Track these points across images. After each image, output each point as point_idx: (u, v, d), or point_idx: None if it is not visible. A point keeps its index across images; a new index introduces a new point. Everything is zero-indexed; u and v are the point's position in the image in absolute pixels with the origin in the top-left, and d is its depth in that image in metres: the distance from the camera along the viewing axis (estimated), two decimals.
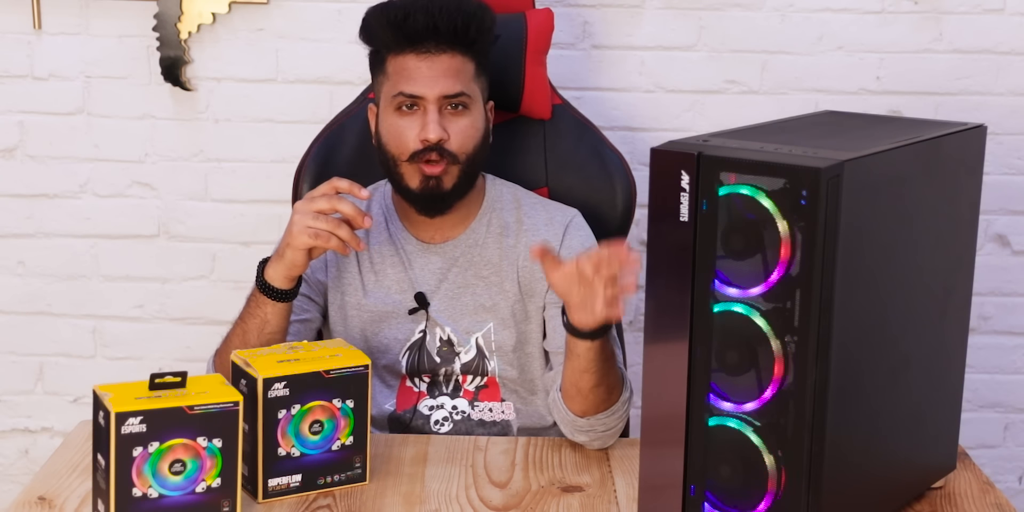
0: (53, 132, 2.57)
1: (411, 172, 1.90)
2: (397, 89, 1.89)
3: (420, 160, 1.88)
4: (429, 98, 1.87)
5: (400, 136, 1.89)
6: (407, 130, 1.88)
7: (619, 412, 1.80)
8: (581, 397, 1.77)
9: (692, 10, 2.49)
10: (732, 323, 1.40)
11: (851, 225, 1.36)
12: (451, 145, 1.88)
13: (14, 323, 2.67)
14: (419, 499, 1.66)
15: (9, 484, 2.74)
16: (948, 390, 1.67)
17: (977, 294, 1.92)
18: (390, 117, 1.91)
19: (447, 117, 1.89)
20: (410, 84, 1.88)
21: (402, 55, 1.89)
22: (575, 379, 1.76)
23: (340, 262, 1.98)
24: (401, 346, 1.97)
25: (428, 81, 1.87)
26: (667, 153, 1.41)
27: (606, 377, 1.75)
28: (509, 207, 2.01)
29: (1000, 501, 1.67)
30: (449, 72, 1.88)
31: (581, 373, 1.74)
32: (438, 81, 1.87)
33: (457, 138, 1.89)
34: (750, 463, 1.42)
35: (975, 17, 2.49)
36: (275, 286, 1.81)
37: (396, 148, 1.90)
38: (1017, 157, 2.57)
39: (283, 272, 1.80)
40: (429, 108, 1.87)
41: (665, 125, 2.54)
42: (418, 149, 1.88)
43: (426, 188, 1.90)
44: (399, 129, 1.89)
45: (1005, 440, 2.71)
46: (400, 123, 1.89)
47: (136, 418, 1.49)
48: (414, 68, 1.88)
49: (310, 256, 1.80)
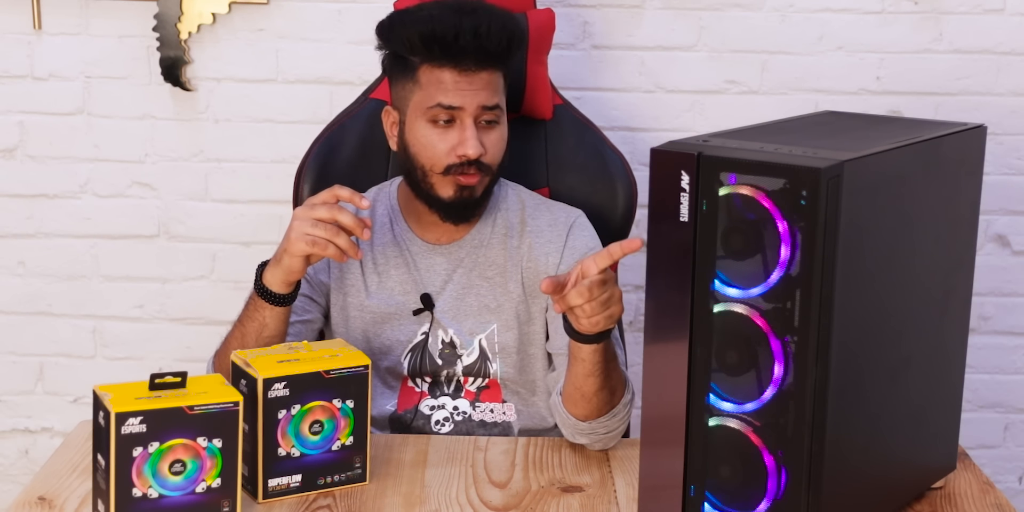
0: (53, 132, 2.57)
1: (444, 183, 1.90)
2: (434, 100, 1.87)
3: (456, 173, 1.88)
4: (468, 110, 1.87)
5: (434, 148, 1.89)
6: (442, 143, 1.88)
7: (620, 414, 1.80)
8: (584, 401, 1.77)
9: (692, 10, 2.49)
10: (732, 323, 1.40)
11: (851, 225, 1.36)
12: (486, 159, 1.89)
13: (14, 323, 2.67)
14: (419, 499, 1.66)
15: (9, 484, 2.74)
16: (948, 390, 1.67)
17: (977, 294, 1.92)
18: (422, 128, 1.90)
19: (482, 131, 1.89)
20: (448, 96, 1.86)
21: (440, 68, 1.87)
22: (579, 383, 1.76)
23: (343, 264, 1.97)
24: (403, 348, 1.97)
25: (469, 95, 1.87)
26: (667, 153, 1.41)
27: (609, 380, 1.75)
28: (514, 208, 2.01)
29: (1000, 501, 1.67)
30: (488, 87, 1.88)
31: (585, 377, 1.74)
32: (477, 95, 1.87)
33: (491, 151, 1.90)
34: (750, 463, 1.42)
35: (975, 17, 2.49)
36: (273, 291, 1.81)
37: (429, 159, 1.89)
38: (1017, 157, 2.57)
39: (281, 277, 1.80)
40: (467, 122, 1.87)
41: (665, 125, 2.54)
42: (454, 163, 1.88)
43: (460, 198, 1.90)
44: (432, 141, 1.89)
45: (1005, 440, 2.71)
46: (434, 135, 1.89)
47: (136, 418, 1.49)
48: (452, 82, 1.87)
49: (308, 263, 1.79)
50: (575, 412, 1.79)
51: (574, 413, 1.79)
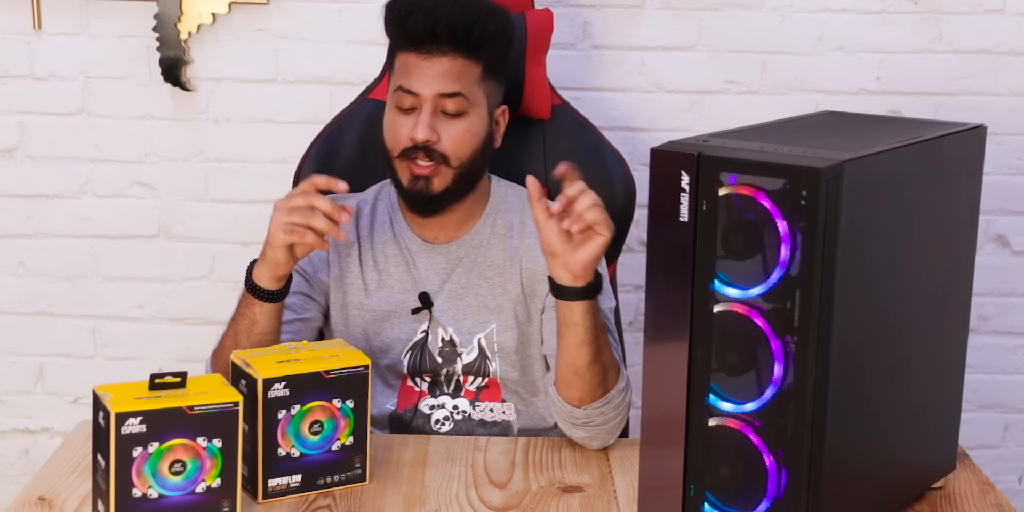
0: (53, 132, 2.57)
1: (402, 168, 1.91)
2: (397, 83, 1.90)
3: (409, 158, 1.89)
4: (425, 96, 1.88)
5: (395, 132, 1.91)
6: (401, 127, 1.90)
7: (615, 402, 1.79)
8: (578, 378, 1.77)
9: (692, 10, 2.49)
10: (732, 323, 1.40)
11: (851, 225, 1.36)
12: (442, 147, 1.88)
13: (14, 323, 2.67)
14: (419, 499, 1.66)
15: (9, 484, 2.74)
16: (948, 390, 1.67)
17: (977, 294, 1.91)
18: (390, 112, 1.93)
19: (441, 119, 1.89)
20: (408, 80, 1.89)
21: (406, 52, 1.90)
22: (571, 358, 1.76)
23: (342, 261, 1.98)
24: (403, 346, 1.97)
25: (426, 79, 1.88)
26: (667, 153, 1.41)
27: (600, 355, 1.75)
28: (514, 208, 2.01)
29: (1000, 501, 1.67)
30: (448, 73, 1.88)
31: (577, 347, 1.74)
32: (435, 80, 1.88)
33: (450, 141, 1.89)
34: (750, 463, 1.42)
35: (975, 17, 2.49)
36: (261, 286, 1.81)
37: (390, 143, 1.92)
38: (1017, 157, 2.57)
39: (268, 272, 1.80)
40: (424, 107, 1.88)
41: (665, 125, 2.54)
42: (407, 146, 1.89)
43: (414, 187, 1.91)
44: (395, 125, 1.91)
45: (1005, 440, 2.71)
46: (396, 119, 1.91)
47: (136, 418, 1.49)
48: (414, 66, 1.89)
49: (293, 256, 1.78)
50: (569, 396, 1.79)
51: (568, 398, 1.79)
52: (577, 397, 1.78)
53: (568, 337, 1.75)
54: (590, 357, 1.75)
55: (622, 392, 1.81)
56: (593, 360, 1.76)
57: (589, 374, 1.76)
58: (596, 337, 1.74)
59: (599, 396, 1.78)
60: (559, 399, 1.81)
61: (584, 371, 1.76)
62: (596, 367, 1.76)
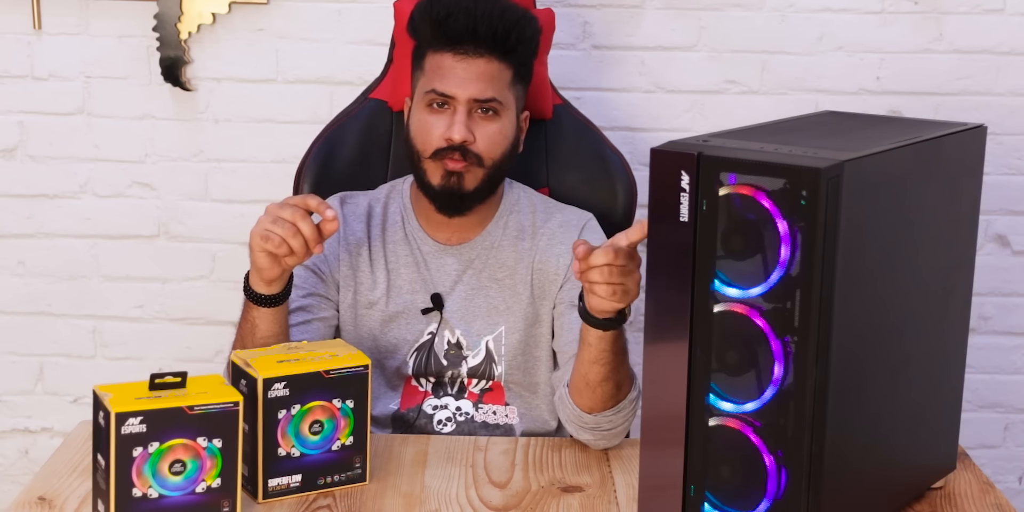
0: (53, 132, 2.57)
1: (433, 168, 1.90)
2: (431, 86, 1.90)
3: (442, 157, 1.89)
4: (460, 99, 1.88)
5: (427, 132, 1.90)
6: (434, 127, 1.89)
7: (625, 410, 1.79)
8: (589, 391, 1.77)
9: (692, 10, 2.49)
10: (732, 323, 1.40)
11: (851, 225, 1.36)
12: (476, 147, 1.89)
13: (14, 323, 2.67)
14: (419, 499, 1.66)
15: (9, 484, 2.74)
16: (948, 390, 1.67)
17: (977, 294, 1.91)
18: (420, 112, 1.92)
19: (476, 120, 1.89)
20: (443, 83, 1.88)
21: (440, 53, 1.90)
22: (585, 370, 1.75)
23: (353, 261, 1.98)
24: (409, 347, 1.97)
25: (462, 82, 1.88)
26: (667, 153, 1.41)
27: (615, 372, 1.75)
28: (526, 211, 2.01)
29: (1000, 501, 1.67)
30: (484, 76, 1.88)
31: (591, 364, 1.74)
32: (471, 83, 1.88)
33: (484, 142, 1.89)
34: (750, 463, 1.42)
35: (975, 17, 2.49)
36: (255, 290, 1.80)
37: (421, 144, 1.91)
38: (1017, 157, 2.57)
39: (256, 276, 1.79)
40: (459, 109, 1.88)
41: (665, 125, 2.54)
42: (441, 147, 1.88)
43: (447, 185, 1.90)
44: (426, 125, 1.90)
45: (1005, 440, 2.71)
46: (428, 120, 1.90)
47: (136, 418, 1.49)
48: (449, 67, 1.89)
49: (277, 262, 1.75)
50: (580, 403, 1.78)
51: (579, 404, 1.79)
52: (588, 405, 1.78)
53: (583, 353, 1.75)
54: (602, 375, 1.75)
55: (633, 401, 1.81)
56: (605, 378, 1.75)
57: (601, 389, 1.77)
58: (611, 359, 1.73)
59: (610, 406, 1.78)
60: (571, 402, 1.80)
61: (596, 386, 1.76)
62: (608, 384, 1.76)
